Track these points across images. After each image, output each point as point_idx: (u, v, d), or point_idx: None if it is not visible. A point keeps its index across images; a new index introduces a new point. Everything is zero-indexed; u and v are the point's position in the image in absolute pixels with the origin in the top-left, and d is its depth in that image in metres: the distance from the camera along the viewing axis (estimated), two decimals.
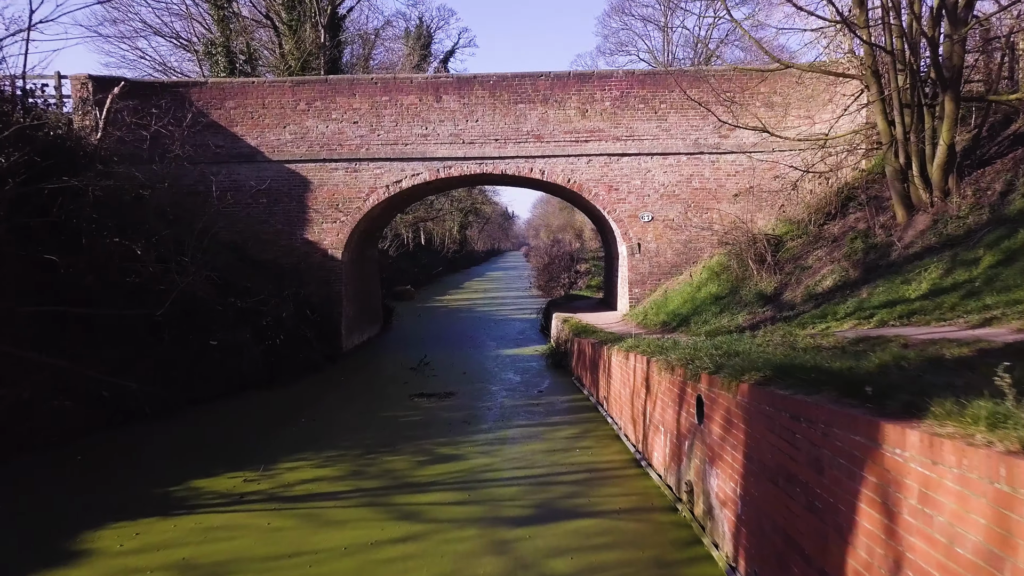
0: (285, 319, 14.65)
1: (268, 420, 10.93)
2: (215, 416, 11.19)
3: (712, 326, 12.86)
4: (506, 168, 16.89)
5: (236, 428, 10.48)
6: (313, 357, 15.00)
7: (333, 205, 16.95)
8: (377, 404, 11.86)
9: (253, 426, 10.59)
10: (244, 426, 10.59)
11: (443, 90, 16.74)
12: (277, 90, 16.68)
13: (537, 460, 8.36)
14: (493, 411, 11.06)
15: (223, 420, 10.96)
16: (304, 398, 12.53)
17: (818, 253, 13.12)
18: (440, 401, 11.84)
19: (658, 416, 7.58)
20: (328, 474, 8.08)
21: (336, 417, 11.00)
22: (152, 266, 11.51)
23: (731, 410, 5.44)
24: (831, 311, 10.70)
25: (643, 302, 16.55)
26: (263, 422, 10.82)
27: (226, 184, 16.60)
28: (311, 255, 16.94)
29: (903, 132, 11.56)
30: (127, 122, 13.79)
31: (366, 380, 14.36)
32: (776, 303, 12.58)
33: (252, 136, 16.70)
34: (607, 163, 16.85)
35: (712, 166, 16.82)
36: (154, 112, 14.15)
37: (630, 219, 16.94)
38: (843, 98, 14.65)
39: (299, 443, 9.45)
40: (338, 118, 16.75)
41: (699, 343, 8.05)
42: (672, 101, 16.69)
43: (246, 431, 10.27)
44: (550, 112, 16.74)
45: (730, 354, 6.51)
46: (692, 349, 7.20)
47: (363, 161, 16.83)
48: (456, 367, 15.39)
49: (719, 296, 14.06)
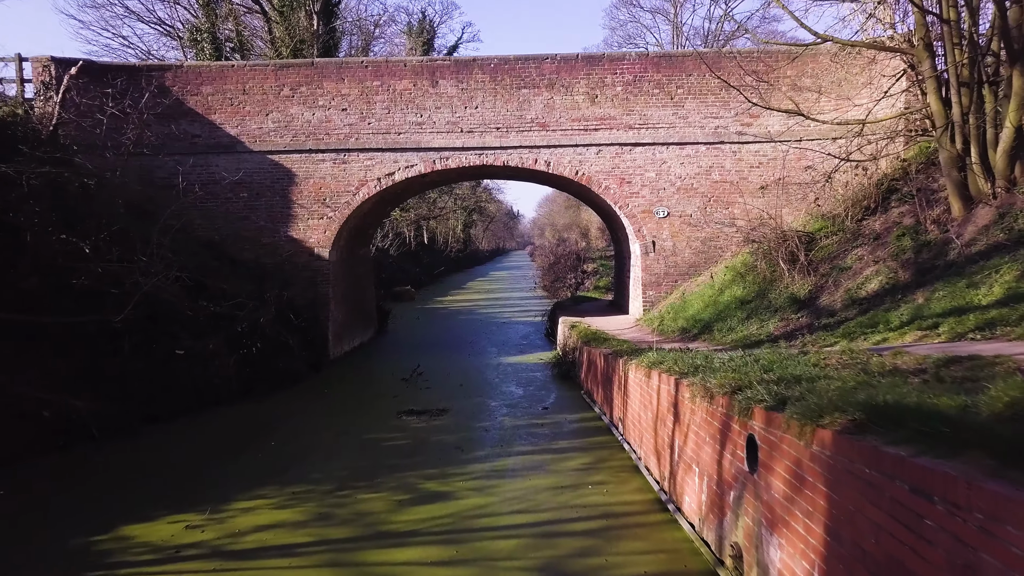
0: (263, 324, 13.27)
1: (233, 442, 9.55)
2: (174, 437, 9.82)
3: (739, 334, 11.44)
4: (508, 159, 15.47)
5: (194, 453, 9.09)
6: (295, 366, 13.62)
7: (320, 200, 15.56)
8: (360, 423, 10.46)
9: (215, 450, 9.21)
10: (204, 450, 9.21)
11: (440, 74, 15.34)
12: (259, 74, 15.31)
13: (541, 501, 6.95)
14: (491, 433, 9.65)
15: (182, 442, 9.58)
16: (279, 414, 11.15)
17: (858, 252, 11.67)
18: (431, 420, 10.44)
19: (690, 452, 6.15)
20: (289, 518, 6.69)
21: (311, 440, 9.60)
22: (102, 266, 10.12)
23: (803, 463, 4.02)
24: (882, 319, 9.26)
25: (658, 306, 15.11)
26: (227, 445, 9.43)
27: (203, 177, 15.26)
28: (296, 254, 15.56)
29: (960, 113, 10.10)
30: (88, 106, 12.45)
31: (352, 393, 12.97)
32: (812, 308, 11.13)
33: (232, 124, 15.33)
34: (618, 153, 15.42)
35: (733, 157, 15.37)
36: (119, 97, 12.78)
37: (644, 215, 15.50)
38: (882, 80, 13.19)
39: (262, 474, 8.06)
40: (325, 105, 15.37)
41: (738, 360, 6.63)
42: (690, 86, 15.25)
43: (205, 457, 8.89)
44: (556, 98, 15.32)
45: (787, 380, 5.09)
46: (734, 371, 5.78)
47: (352, 152, 15.44)
48: (452, 377, 13.98)
49: (745, 300, 12.62)
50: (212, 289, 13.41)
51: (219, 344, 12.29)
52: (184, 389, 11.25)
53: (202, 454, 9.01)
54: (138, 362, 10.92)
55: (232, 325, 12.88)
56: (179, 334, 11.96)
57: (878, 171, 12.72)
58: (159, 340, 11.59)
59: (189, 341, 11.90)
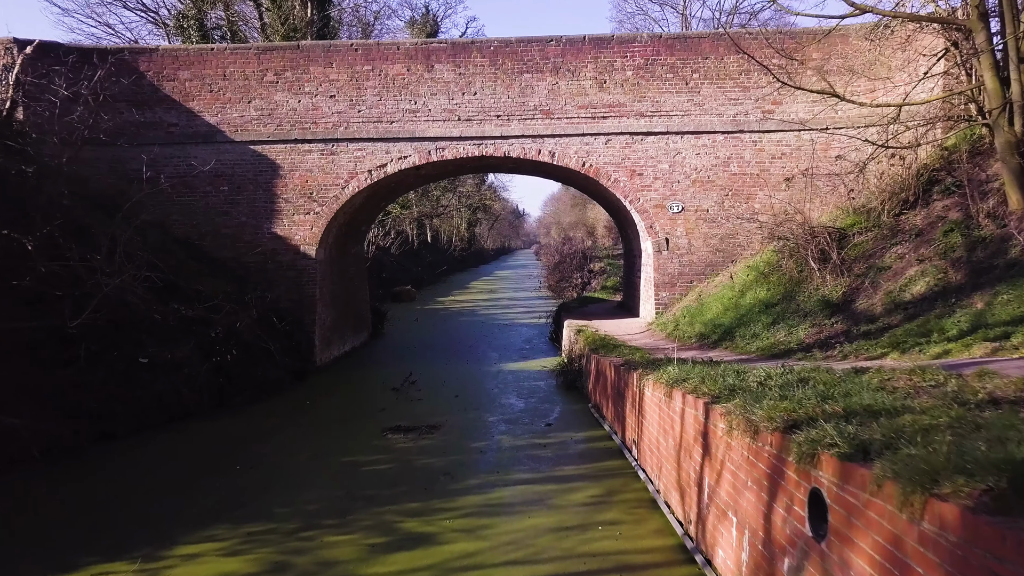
0: (241, 329, 12.15)
1: (193, 465, 8.41)
2: (128, 458, 8.69)
3: (765, 341, 10.25)
4: (509, 150, 14.30)
5: (146, 478, 7.95)
6: (275, 375, 12.49)
7: (306, 194, 14.43)
8: (339, 442, 9.31)
9: (170, 475, 8.07)
10: (158, 475, 8.07)
11: (435, 58, 14.18)
12: (240, 58, 14.18)
13: (542, 548, 5.78)
14: (486, 456, 8.47)
15: (135, 465, 8.44)
16: (252, 431, 10.01)
17: (897, 250, 10.45)
18: (420, 438, 9.28)
19: (725, 496, 4.98)
20: (237, 569, 5.55)
21: (282, 462, 8.46)
22: (46, 265, 9.00)
23: (905, 543, 2.85)
24: (935, 327, 8.06)
25: (672, 308, 13.91)
26: (185, 469, 8.29)
27: (181, 168, 14.15)
28: (280, 252, 14.43)
29: (1021, 92, 8.89)
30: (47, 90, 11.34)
31: (335, 404, 11.83)
32: (848, 313, 9.93)
33: (211, 112, 14.21)
34: (629, 143, 14.23)
35: (754, 147, 14.15)
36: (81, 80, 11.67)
37: (656, 210, 14.30)
38: (920, 61, 11.96)
39: (218, 506, 6.93)
40: (312, 91, 14.23)
41: (777, 378, 5.46)
42: (706, 70, 14.04)
43: (157, 484, 7.75)
44: (562, 83, 14.14)
45: (858, 414, 3.92)
46: (783, 397, 4.60)
47: (341, 142, 14.30)
48: (448, 387, 12.83)
49: (769, 303, 11.42)
50: (186, 290, 12.32)
51: (189, 351, 11.17)
52: (147, 402, 10.13)
53: (154, 480, 7.87)
54: (95, 372, 9.81)
55: (206, 330, 11.78)
56: (144, 340, 10.85)
57: (917, 160, 11.48)
58: (121, 347, 10.48)
59: (155, 348, 10.79)
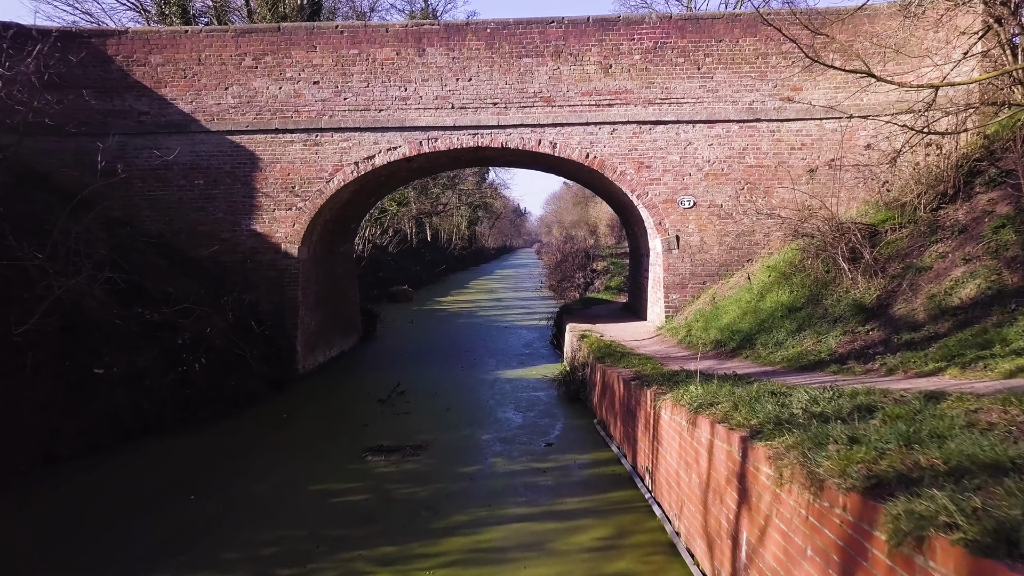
0: (212, 335, 11.10)
1: (138, 495, 7.33)
2: (67, 486, 7.61)
3: (790, 351, 9.18)
4: (507, 140, 13.23)
5: (80, 512, 6.88)
6: (251, 385, 11.41)
7: (288, 187, 13.37)
8: (312, 465, 8.24)
9: (109, 506, 6.99)
10: (96, 506, 7.00)
11: (427, 41, 13.11)
12: (216, 41, 13.12)
13: None
14: (477, 484, 7.40)
15: (73, 495, 7.37)
16: (216, 451, 8.94)
17: (938, 248, 9.35)
18: (403, 461, 8.21)
19: (772, 560, 3.90)
20: None
21: (243, 491, 7.39)
22: None
23: None
24: (995, 337, 6.97)
25: (684, 312, 12.82)
26: (128, 499, 7.21)
27: (152, 160, 13.10)
28: (260, 251, 13.37)
29: None
30: None
31: (315, 418, 10.77)
32: (884, 319, 8.84)
33: (185, 100, 13.15)
34: (636, 133, 13.15)
35: (771, 137, 13.06)
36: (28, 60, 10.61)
37: (666, 205, 13.22)
38: (959, 41, 10.88)
39: (156, 550, 5.87)
40: (294, 77, 13.16)
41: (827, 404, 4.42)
42: (720, 54, 12.95)
43: (90, 519, 6.67)
44: (563, 68, 13.06)
45: (966, 468, 2.86)
46: (851, 439, 3.54)
47: (326, 131, 13.23)
48: (439, 398, 11.76)
49: (793, 307, 10.33)
50: (153, 292, 11.28)
51: (152, 359, 10.12)
52: (99, 418, 9.07)
53: (90, 514, 6.81)
54: (41, 385, 8.76)
55: (173, 336, 10.73)
56: (102, 348, 9.81)
57: (957, 149, 10.39)
58: (74, 356, 9.43)
59: (114, 357, 9.75)
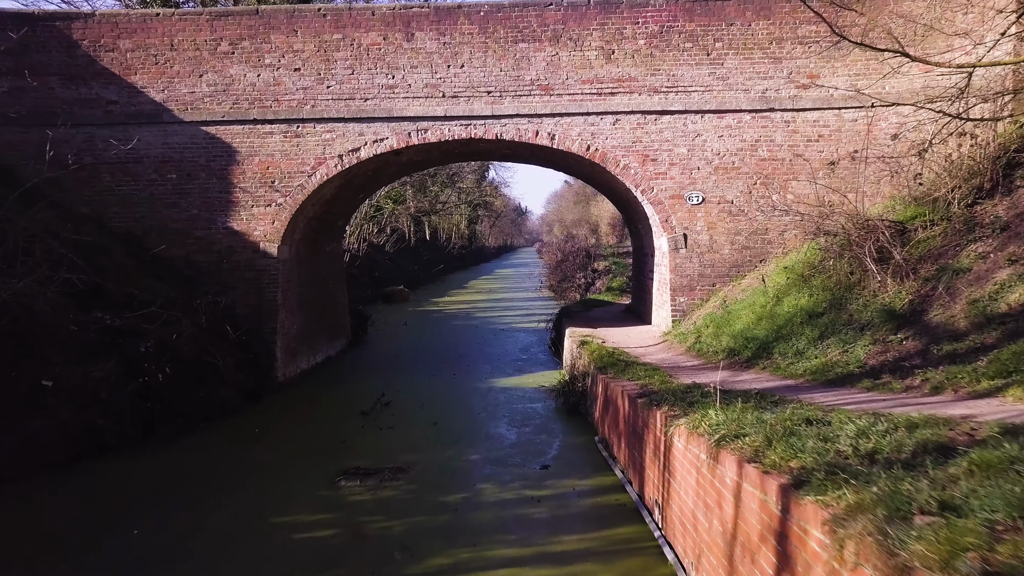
0: (179, 341, 10.20)
1: (76, 529, 6.42)
2: None
3: (813, 362, 8.26)
4: (502, 131, 12.32)
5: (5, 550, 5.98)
6: (223, 396, 10.52)
7: (267, 182, 12.47)
8: (279, 492, 7.33)
9: (36, 544, 6.07)
10: (20, 545, 6.08)
11: (416, 25, 12.20)
12: (190, 25, 12.22)
13: None
14: (461, 516, 6.48)
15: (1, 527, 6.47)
16: (178, 473, 8.03)
17: (977, 247, 8.44)
18: (380, 487, 7.30)
19: None
20: None
21: (195, 525, 6.48)
22: None
23: None
24: None
25: (692, 316, 11.91)
26: (62, 533, 6.30)
27: (122, 153, 12.19)
28: (236, 250, 12.47)
29: None
30: None
31: (289, 434, 9.85)
32: (920, 327, 7.92)
33: (156, 88, 12.25)
34: (641, 124, 12.24)
35: (786, 128, 12.15)
36: None
37: (672, 201, 12.30)
38: (995, 21, 9.96)
39: None
40: (273, 64, 12.26)
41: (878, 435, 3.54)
42: (731, 38, 12.04)
43: (14, 559, 5.77)
44: (563, 54, 12.15)
45: None
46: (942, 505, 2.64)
47: (307, 122, 12.33)
48: (427, 409, 10.85)
49: (814, 312, 9.41)
50: (116, 295, 10.39)
51: (110, 369, 9.22)
52: (47, 435, 8.18)
53: (14, 552, 5.89)
54: None
55: (136, 343, 9.84)
56: (55, 357, 8.91)
57: (995, 139, 9.47)
58: (22, 367, 8.54)
59: (66, 367, 8.85)
